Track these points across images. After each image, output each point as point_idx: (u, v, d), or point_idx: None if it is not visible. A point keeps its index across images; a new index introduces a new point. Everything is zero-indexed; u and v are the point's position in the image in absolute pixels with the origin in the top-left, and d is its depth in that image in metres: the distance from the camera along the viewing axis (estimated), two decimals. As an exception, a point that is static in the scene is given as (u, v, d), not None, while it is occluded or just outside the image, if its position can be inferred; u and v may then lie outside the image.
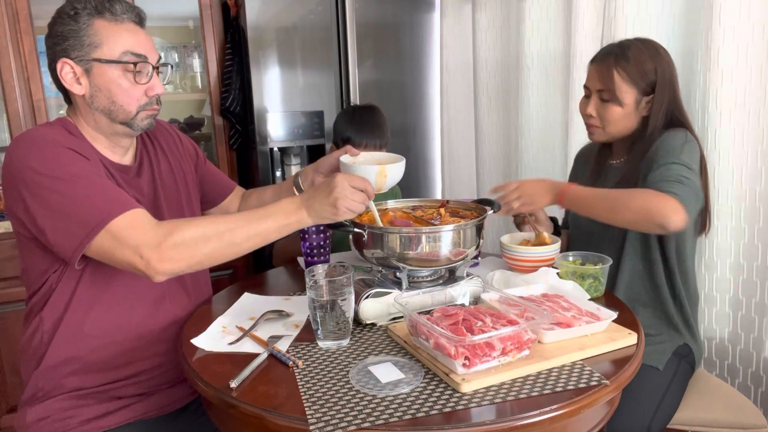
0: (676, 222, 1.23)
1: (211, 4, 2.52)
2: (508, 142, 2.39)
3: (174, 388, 1.27)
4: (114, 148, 1.24)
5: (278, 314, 1.23)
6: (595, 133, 1.52)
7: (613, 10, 1.77)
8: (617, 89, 1.42)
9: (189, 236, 1.04)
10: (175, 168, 1.37)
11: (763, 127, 1.54)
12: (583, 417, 0.93)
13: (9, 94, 2.25)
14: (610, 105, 1.45)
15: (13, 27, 2.21)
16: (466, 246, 1.20)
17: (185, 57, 2.75)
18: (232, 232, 1.07)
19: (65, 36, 1.13)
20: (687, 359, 1.44)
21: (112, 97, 1.16)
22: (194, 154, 1.46)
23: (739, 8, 1.52)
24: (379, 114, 1.88)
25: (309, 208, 1.10)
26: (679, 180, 1.28)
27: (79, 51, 1.13)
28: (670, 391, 1.35)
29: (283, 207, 1.11)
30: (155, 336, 1.23)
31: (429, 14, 2.66)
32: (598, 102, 1.47)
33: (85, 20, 1.13)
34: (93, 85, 1.15)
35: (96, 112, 1.18)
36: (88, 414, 1.17)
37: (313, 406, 0.88)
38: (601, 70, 1.45)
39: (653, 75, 1.42)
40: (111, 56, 1.14)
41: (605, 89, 1.44)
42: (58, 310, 1.17)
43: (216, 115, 2.61)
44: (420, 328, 1.01)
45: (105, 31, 1.14)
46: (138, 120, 1.20)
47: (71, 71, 1.15)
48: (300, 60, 2.47)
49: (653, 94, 1.42)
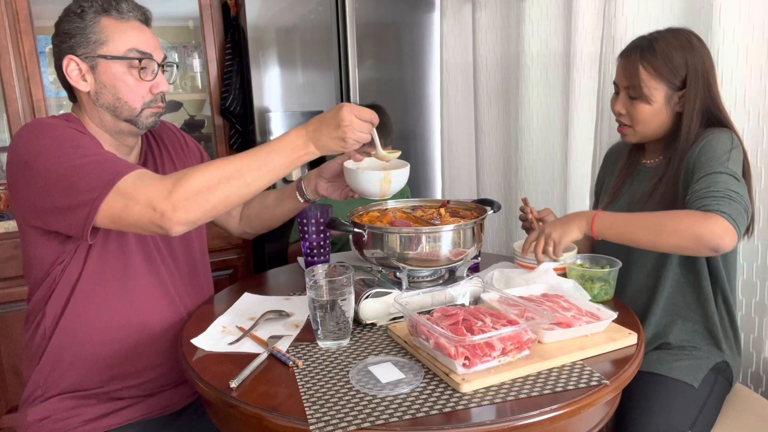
0: (728, 245, 1.14)
1: (211, 4, 2.52)
2: (508, 142, 2.39)
3: (175, 389, 1.27)
4: (118, 146, 1.24)
5: (278, 314, 1.23)
6: (627, 134, 1.41)
7: (613, 10, 1.77)
8: (644, 85, 1.32)
9: (199, 182, 1.03)
10: (180, 168, 1.37)
11: (763, 127, 1.54)
12: (583, 417, 0.93)
13: (9, 94, 2.25)
14: (637, 103, 1.34)
15: (13, 27, 2.21)
16: (466, 246, 1.20)
17: (185, 57, 2.75)
18: (241, 172, 1.06)
19: (71, 33, 1.14)
20: (724, 374, 1.35)
21: (117, 94, 1.17)
22: (199, 156, 1.46)
23: (739, 8, 1.52)
24: (383, 113, 1.87)
25: (317, 140, 1.09)
26: (727, 195, 1.17)
27: (84, 48, 1.15)
28: (705, 411, 1.26)
29: (290, 142, 1.10)
30: (156, 335, 1.23)
31: (429, 14, 2.66)
32: (626, 99, 1.37)
33: (92, 18, 1.14)
34: (98, 81, 1.16)
35: (101, 109, 1.18)
36: (89, 414, 1.17)
37: (313, 406, 0.88)
38: (627, 66, 1.36)
39: (683, 69, 1.31)
40: (116, 53, 1.15)
41: (631, 86, 1.35)
42: (59, 306, 1.17)
43: (216, 115, 2.61)
44: (420, 328, 1.01)
45: (111, 28, 1.15)
46: (143, 117, 1.20)
47: (77, 68, 1.16)
48: (300, 60, 2.48)
49: (686, 89, 1.32)
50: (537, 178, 2.24)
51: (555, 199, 2.19)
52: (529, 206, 1.51)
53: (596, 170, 1.89)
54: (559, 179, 2.17)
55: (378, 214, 1.37)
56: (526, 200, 1.53)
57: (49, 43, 2.39)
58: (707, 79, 1.32)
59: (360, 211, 1.37)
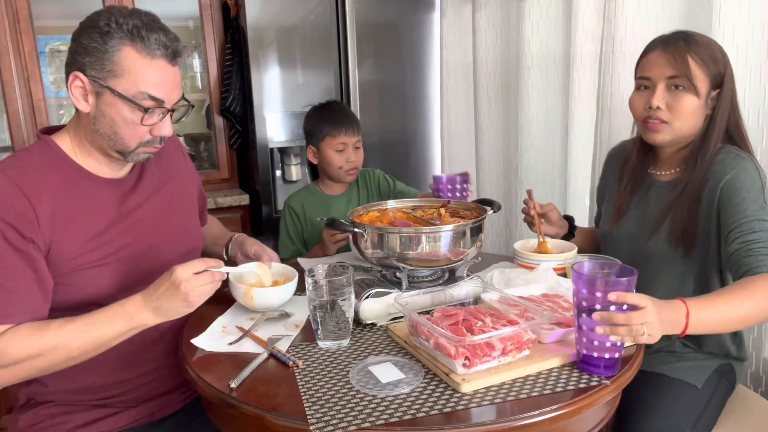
0: None
1: (211, 4, 2.52)
2: (508, 142, 2.39)
3: (165, 396, 1.26)
4: (110, 164, 1.19)
5: (278, 314, 1.23)
6: (660, 131, 1.30)
7: (613, 10, 1.77)
8: (693, 75, 1.24)
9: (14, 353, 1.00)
10: (176, 179, 1.34)
11: (763, 126, 1.54)
12: (583, 417, 0.93)
13: (9, 94, 2.25)
14: (683, 94, 1.26)
15: (13, 27, 2.21)
16: (466, 246, 1.20)
17: (185, 57, 2.75)
18: (68, 349, 1.03)
19: (88, 51, 1.06)
20: (728, 377, 1.33)
21: (115, 128, 1.10)
22: (196, 175, 1.44)
23: (739, 8, 1.52)
24: (345, 105, 1.88)
25: (156, 309, 1.05)
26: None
27: (97, 72, 1.07)
28: (707, 412, 1.25)
29: (125, 312, 1.05)
30: (149, 342, 1.21)
31: (429, 14, 2.66)
32: (665, 92, 1.28)
33: (114, 44, 1.06)
34: (99, 109, 1.10)
35: (96, 133, 1.12)
36: (79, 420, 1.17)
37: (313, 406, 0.88)
38: (673, 55, 1.26)
39: (723, 65, 1.27)
40: (127, 91, 1.07)
41: (680, 75, 1.25)
42: None
43: (216, 115, 2.61)
44: (420, 328, 1.01)
45: (131, 62, 1.06)
46: (135, 154, 1.15)
47: (81, 87, 1.09)
48: (300, 60, 2.48)
49: (720, 90, 1.27)
50: (537, 178, 2.24)
51: (555, 199, 2.18)
52: (533, 200, 1.48)
53: (596, 170, 1.89)
54: (559, 179, 2.17)
55: (378, 214, 1.37)
56: (531, 193, 1.50)
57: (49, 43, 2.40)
58: (734, 85, 1.29)
59: (360, 211, 1.37)
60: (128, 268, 1.18)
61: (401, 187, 1.92)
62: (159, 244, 1.24)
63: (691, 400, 1.25)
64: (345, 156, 1.79)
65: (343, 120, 1.80)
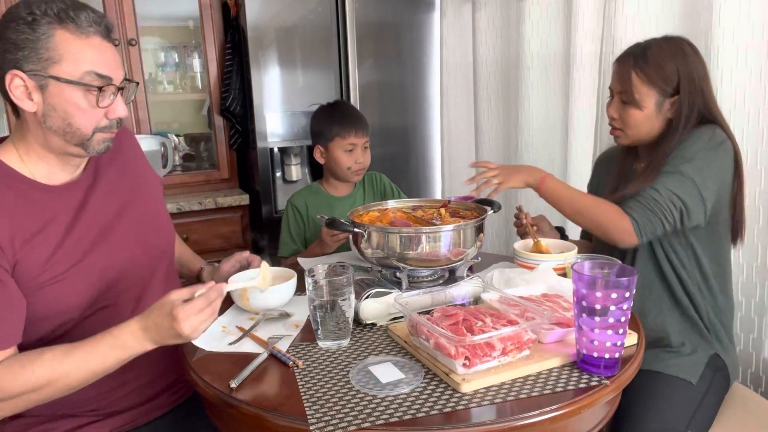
0: (625, 244, 1.32)
1: (211, 4, 2.52)
2: (508, 142, 2.39)
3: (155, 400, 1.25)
4: (64, 166, 1.13)
5: (278, 314, 1.23)
6: (619, 137, 1.44)
7: (613, 10, 1.77)
8: (636, 91, 1.35)
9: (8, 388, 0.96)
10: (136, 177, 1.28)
11: (763, 127, 1.54)
12: (583, 417, 0.93)
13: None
14: (629, 107, 1.37)
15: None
16: (466, 246, 1.20)
17: (185, 57, 2.75)
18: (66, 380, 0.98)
19: (19, 45, 0.99)
20: (722, 372, 1.36)
21: (68, 119, 1.03)
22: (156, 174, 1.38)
23: (739, 8, 1.52)
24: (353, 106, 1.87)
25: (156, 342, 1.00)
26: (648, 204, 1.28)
27: (34, 64, 1.00)
28: (702, 407, 1.27)
29: (122, 342, 1.00)
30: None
31: (429, 14, 2.66)
32: (619, 104, 1.40)
33: (45, 30, 0.99)
34: (47, 103, 1.02)
35: (48, 131, 1.05)
36: (67, 425, 1.16)
37: (313, 406, 0.88)
38: (621, 72, 1.39)
39: (675, 76, 1.33)
40: (72, 76, 1.01)
41: (623, 91, 1.38)
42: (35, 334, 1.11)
43: (216, 115, 2.61)
44: (420, 328, 1.01)
45: (67, 45, 1.00)
46: (93, 143, 1.08)
47: (22, 85, 1.01)
48: (300, 60, 2.48)
49: (677, 96, 1.34)
50: (537, 178, 2.24)
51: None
52: (524, 212, 1.52)
53: (596, 170, 1.89)
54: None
55: (378, 214, 1.37)
56: (521, 207, 1.55)
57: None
58: (700, 87, 1.34)
59: (360, 211, 1.37)
60: (98, 270, 1.14)
61: None
62: (126, 243, 1.19)
63: (685, 398, 1.27)
64: (354, 157, 1.79)
65: (354, 121, 1.80)
